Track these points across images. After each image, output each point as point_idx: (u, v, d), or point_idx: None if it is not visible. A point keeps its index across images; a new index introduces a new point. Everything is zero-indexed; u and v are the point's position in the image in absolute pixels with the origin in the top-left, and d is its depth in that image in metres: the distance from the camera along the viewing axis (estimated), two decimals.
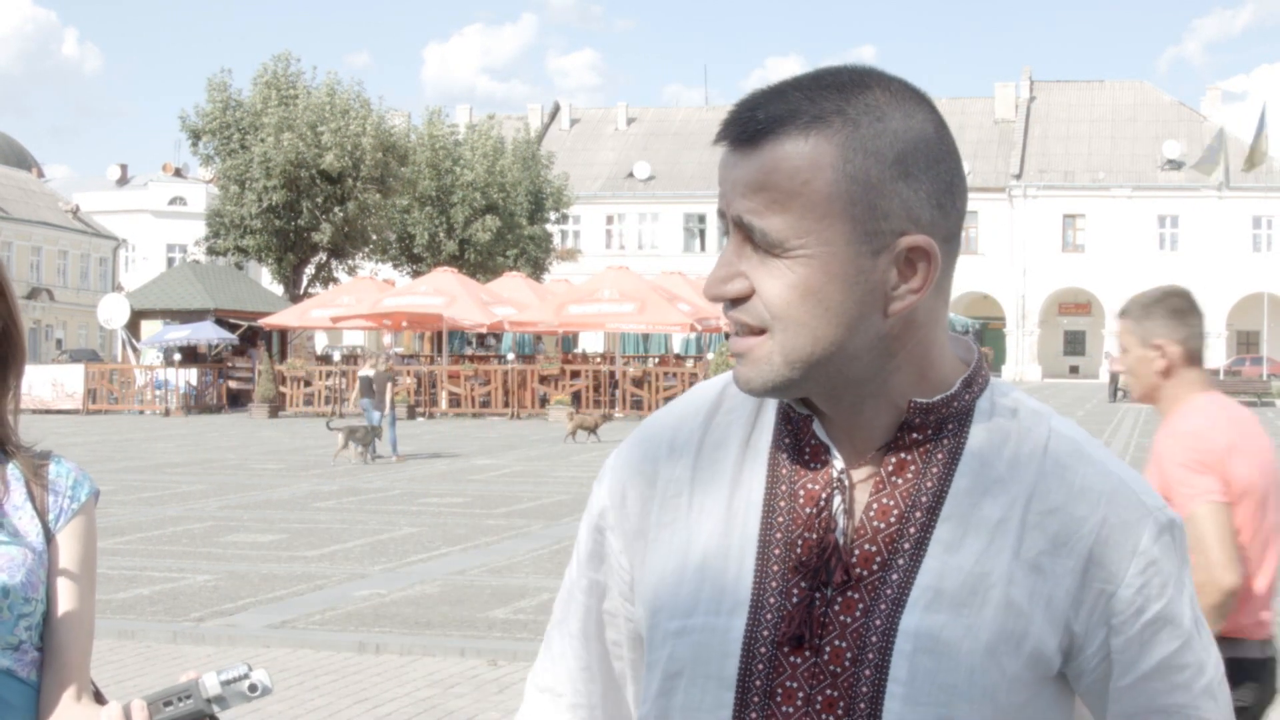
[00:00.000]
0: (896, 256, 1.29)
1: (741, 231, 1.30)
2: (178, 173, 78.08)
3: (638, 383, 35.33)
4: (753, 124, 1.29)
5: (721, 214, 1.34)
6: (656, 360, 43.31)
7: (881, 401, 1.34)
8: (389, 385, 23.06)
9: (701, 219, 72.19)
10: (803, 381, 1.31)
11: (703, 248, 71.72)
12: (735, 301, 1.32)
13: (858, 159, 1.27)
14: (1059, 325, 70.69)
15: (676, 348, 51.02)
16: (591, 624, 1.50)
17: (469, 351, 44.24)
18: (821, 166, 1.27)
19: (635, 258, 62.30)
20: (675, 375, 35.73)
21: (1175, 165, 66.83)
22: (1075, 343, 70.99)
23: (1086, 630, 1.32)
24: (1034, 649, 1.30)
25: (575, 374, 35.80)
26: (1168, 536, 1.35)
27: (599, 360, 40.84)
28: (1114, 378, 44.84)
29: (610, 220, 73.11)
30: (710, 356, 37.77)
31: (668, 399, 33.50)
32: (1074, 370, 69.70)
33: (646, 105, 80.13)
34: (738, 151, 1.30)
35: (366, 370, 23.91)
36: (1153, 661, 1.33)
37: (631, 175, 73.41)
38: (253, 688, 1.77)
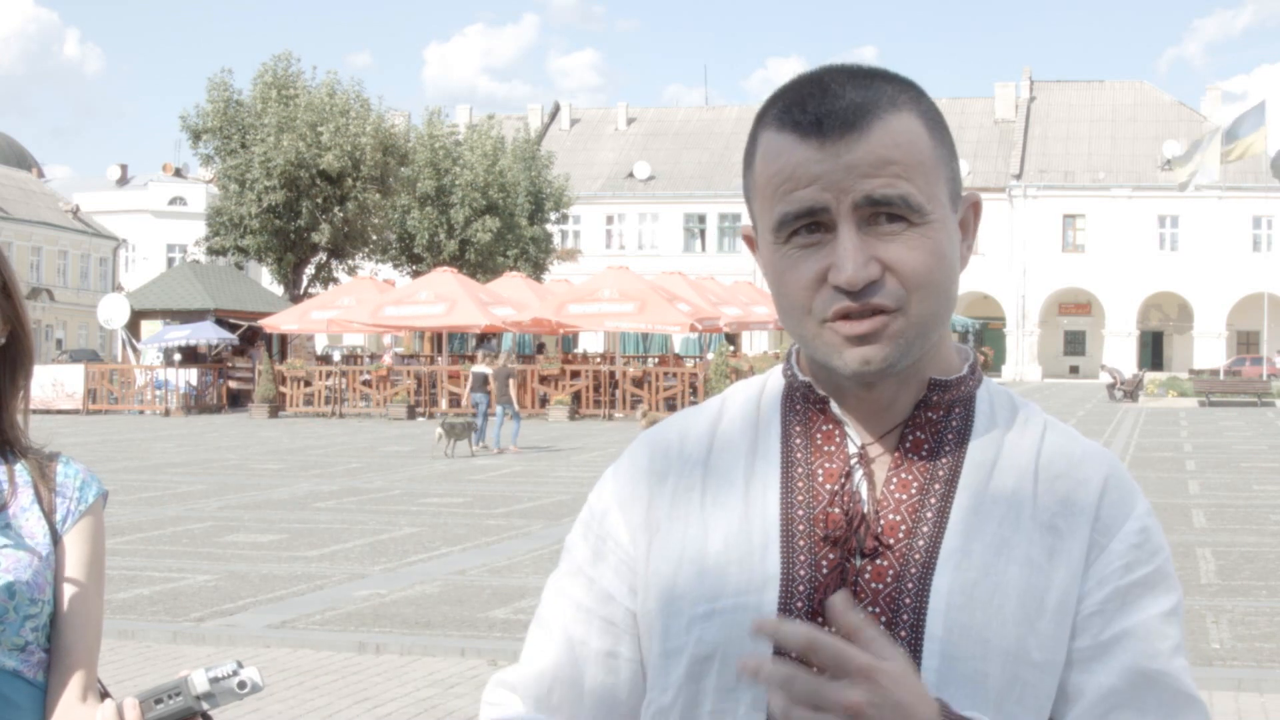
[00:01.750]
0: (964, 216, 1.43)
1: (861, 214, 1.32)
2: (178, 173, 78.08)
3: (638, 383, 35.33)
4: (852, 109, 1.33)
5: (815, 211, 1.32)
6: (656, 360, 43.30)
7: (910, 383, 1.41)
8: (510, 381, 24.35)
9: (701, 219, 72.21)
10: (917, 353, 1.37)
11: (703, 248, 71.71)
12: (866, 288, 1.32)
13: (937, 129, 1.38)
14: (1059, 325, 70.68)
15: (677, 348, 51.03)
16: (579, 625, 1.47)
17: (469, 351, 44.25)
18: (922, 136, 1.36)
19: (635, 258, 62.27)
20: (675, 375, 35.71)
21: (1171, 167, 66.82)
22: (1075, 343, 70.98)
23: (1086, 585, 1.37)
24: (1057, 604, 1.35)
25: (575, 374, 35.82)
26: (1154, 516, 1.42)
27: (599, 360, 40.84)
28: (1117, 381, 44.93)
29: (610, 220, 73.10)
30: (710, 356, 37.76)
31: (668, 399, 33.71)
32: (1074, 370, 69.70)
33: (647, 105, 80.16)
34: (838, 139, 1.32)
35: (480, 367, 25.38)
36: (1131, 621, 1.36)
37: (631, 175, 73.41)
38: (242, 685, 1.78)
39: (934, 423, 1.41)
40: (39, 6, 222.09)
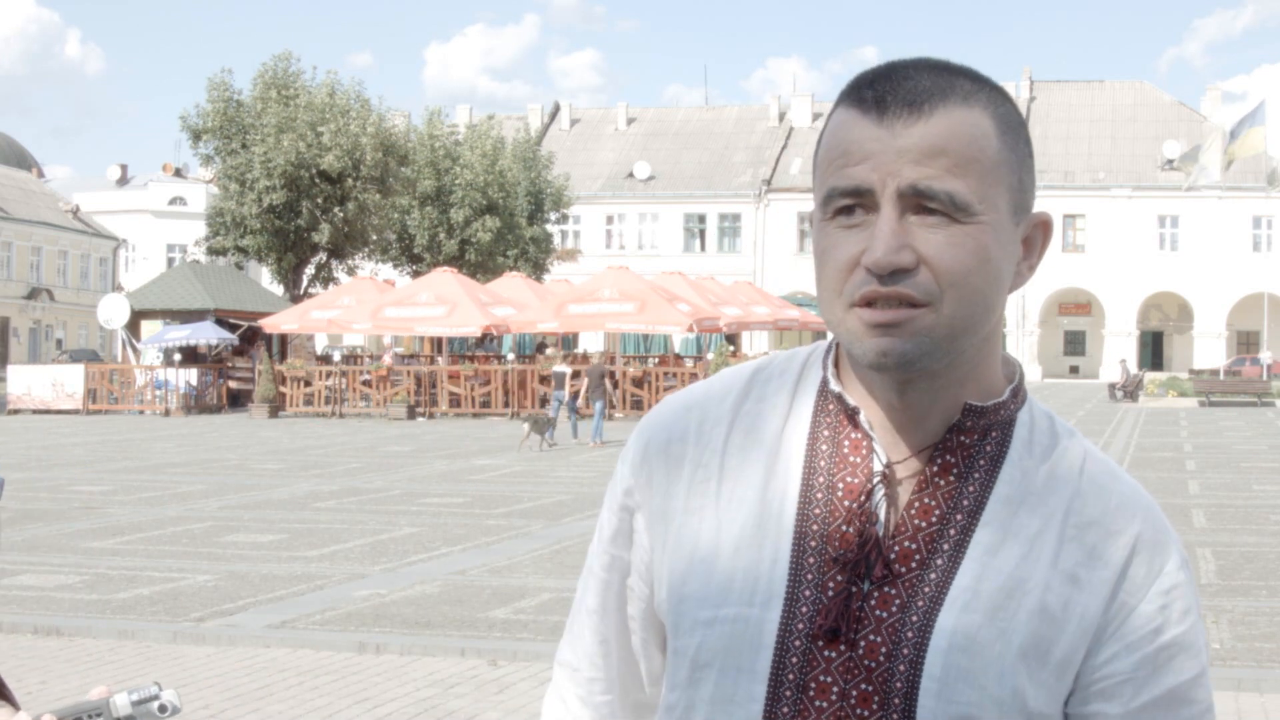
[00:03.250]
0: (1028, 234, 1.36)
1: (906, 201, 1.27)
2: (178, 173, 78.11)
3: (638, 383, 35.34)
4: (918, 93, 1.29)
5: (861, 191, 1.29)
6: (656, 360, 43.31)
7: (944, 397, 1.34)
8: (603, 379, 26.15)
9: (701, 219, 72.23)
10: (943, 357, 1.30)
11: (703, 248, 71.72)
12: (895, 274, 1.27)
13: (1009, 134, 1.32)
14: (1059, 325, 70.71)
15: (677, 348, 51.05)
16: (610, 598, 1.49)
17: (469, 351, 44.27)
18: (989, 135, 1.30)
19: (635, 258, 62.28)
20: (675, 375, 35.73)
21: (1175, 165, 66.86)
22: (1075, 343, 71.01)
23: (1105, 645, 1.32)
24: (1062, 658, 1.30)
25: (575, 374, 35.80)
26: (1187, 570, 1.36)
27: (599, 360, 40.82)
28: (1125, 379, 44.92)
29: (610, 220, 73.12)
30: (710, 356, 37.77)
31: None
32: (1074, 370, 69.73)
33: (646, 105, 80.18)
34: (895, 120, 1.28)
35: (561, 366, 27.38)
36: (1163, 688, 1.32)
37: (631, 175, 73.43)
38: (162, 708, 1.76)
39: (966, 447, 1.35)
40: (40, 7, 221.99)
